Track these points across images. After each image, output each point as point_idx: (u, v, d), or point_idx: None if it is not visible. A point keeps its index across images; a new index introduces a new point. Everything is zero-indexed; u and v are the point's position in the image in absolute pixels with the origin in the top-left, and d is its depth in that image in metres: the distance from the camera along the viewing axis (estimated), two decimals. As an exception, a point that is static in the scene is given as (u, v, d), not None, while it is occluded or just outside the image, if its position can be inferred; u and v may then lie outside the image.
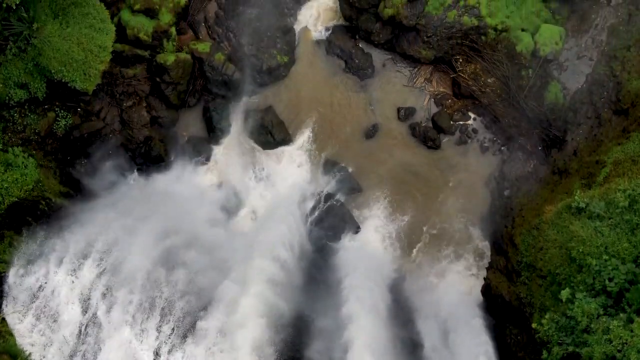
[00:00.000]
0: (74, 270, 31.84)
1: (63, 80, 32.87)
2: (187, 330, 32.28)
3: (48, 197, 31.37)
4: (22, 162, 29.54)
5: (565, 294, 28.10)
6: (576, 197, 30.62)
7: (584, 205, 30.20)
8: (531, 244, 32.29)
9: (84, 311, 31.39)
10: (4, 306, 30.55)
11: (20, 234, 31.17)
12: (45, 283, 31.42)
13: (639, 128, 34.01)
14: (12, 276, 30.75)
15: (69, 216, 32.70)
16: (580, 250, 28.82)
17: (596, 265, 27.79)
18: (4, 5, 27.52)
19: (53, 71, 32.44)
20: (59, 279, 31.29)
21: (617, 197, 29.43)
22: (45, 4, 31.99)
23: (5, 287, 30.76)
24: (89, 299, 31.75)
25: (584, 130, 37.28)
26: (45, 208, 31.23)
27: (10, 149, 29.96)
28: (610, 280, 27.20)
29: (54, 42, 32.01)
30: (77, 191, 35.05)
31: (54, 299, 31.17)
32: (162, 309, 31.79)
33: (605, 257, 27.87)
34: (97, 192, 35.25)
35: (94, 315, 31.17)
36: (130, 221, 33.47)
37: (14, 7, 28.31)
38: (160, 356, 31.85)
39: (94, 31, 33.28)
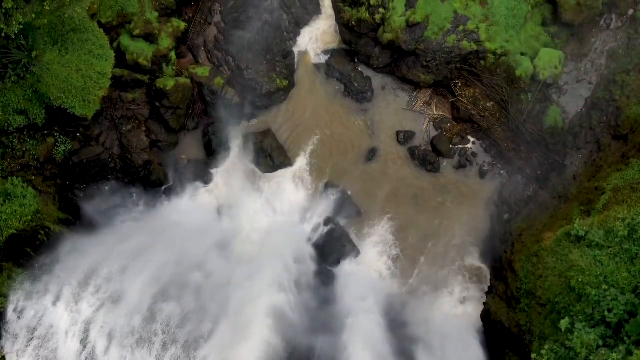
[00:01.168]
0: (73, 304, 31.67)
1: (62, 107, 32.94)
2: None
3: (47, 226, 31.22)
4: (21, 192, 29.47)
5: (564, 323, 27.96)
6: (575, 225, 30.54)
7: (583, 234, 30.13)
8: (530, 271, 32.23)
9: (83, 347, 31.22)
10: (3, 343, 30.41)
11: (20, 265, 31.05)
12: (44, 318, 31.23)
13: (638, 155, 33.97)
14: (10, 312, 30.59)
15: (68, 246, 32.53)
16: (580, 279, 28.74)
17: (595, 295, 27.69)
18: (3, 34, 27.52)
19: (52, 98, 32.51)
20: (57, 314, 31.13)
21: (616, 226, 29.36)
22: (44, 31, 32.00)
23: (5, 324, 30.57)
24: (87, 334, 31.56)
25: (584, 155, 37.25)
26: (45, 238, 31.08)
27: (9, 178, 29.89)
28: (609, 311, 27.08)
29: (53, 70, 32.08)
30: (76, 217, 35.00)
31: (53, 335, 30.95)
32: (162, 343, 31.62)
33: (604, 287, 27.78)
34: (97, 219, 35.19)
35: (93, 351, 31.00)
36: (129, 252, 33.34)
37: (14, 37, 28.30)
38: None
39: (93, 57, 33.32)
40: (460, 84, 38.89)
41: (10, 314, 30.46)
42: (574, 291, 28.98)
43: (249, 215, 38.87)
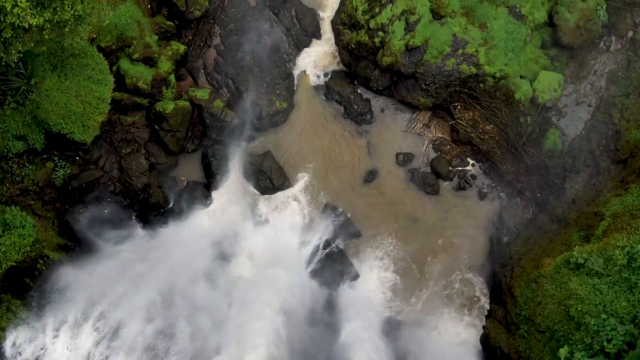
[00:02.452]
0: (72, 337, 31.41)
1: (61, 132, 32.91)
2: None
3: (46, 254, 31.11)
4: (20, 222, 29.36)
5: (563, 352, 27.97)
6: (575, 253, 30.52)
7: (582, 261, 30.10)
8: (530, 297, 32.20)
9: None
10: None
11: (18, 297, 30.82)
12: (43, 351, 31.01)
13: (638, 180, 33.93)
14: (9, 347, 30.31)
15: (67, 276, 32.28)
16: (579, 308, 28.73)
17: (594, 324, 27.67)
18: (3, 62, 27.52)
19: (51, 124, 32.51)
20: (57, 348, 30.89)
21: (615, 254, 29.34)
22: (43, 57, 31.96)
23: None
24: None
25: (583, 179, 37.21)
26: (43, 267, 30.92)
27: (8, 208, 29.79)
28: (608, 341, 27.03)
29: (52, 96, 32.06)
30: (75, 242, 34.90)
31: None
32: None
33: (603, 316, 27.76)
34: (96, 243, 35.06)
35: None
36: (128, 279, 33.25)
37: (13, 65, 28.31)
38: None
39: (92, 83, 33.29)
40: (459, 107, 38.87)
41: (8, 350, 30.26)
42: (573, 320, 28.97)
43: (248, 237, 38.81)
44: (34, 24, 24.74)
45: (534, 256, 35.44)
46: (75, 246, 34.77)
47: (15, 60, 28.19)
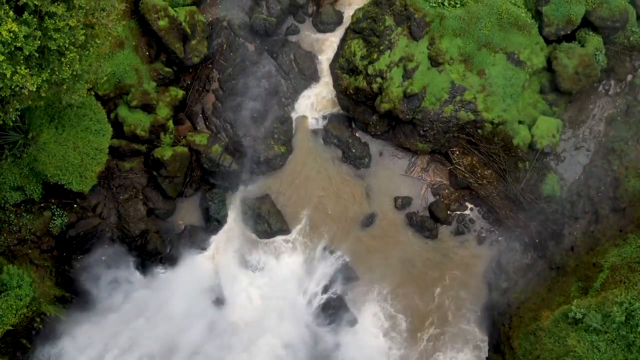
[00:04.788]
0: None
1: (59, 183, 32.89)
2: None
3: (43, 311, 30.91)
4: (17, 282, 29.15)
5: (562, 410, 27.88)
6: (573, 307, 30.47)
7: (580, 316, 30.06)
8: (528, 350, 32.12)
9: None
10: None
11: (15, 360, 30.65)
12: None
13: (637, 230, 33.90)
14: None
15: (64, 334, 31.97)
16: (577, 366, 28.66)
17: (593, 383, 27.59)
18: (1, 121, 27.48)
19: (49, 175, 32.50)
20: None
21: (613, 311, 29.26)
22: (40, 110, 31.96)
23: None
24: None
25: (582, 225, 37.13)
26: (40, 326, 30.69)
27: (5, 267, 29.60)
28: (606, 401, 26.96)
29: (49, 149, 32.05)
30: (72, 293, 34.75)
31: None
32: None
33: (601, 375, 27.70)
34: (93, 293, 34.92)
35: None
36: (127, 334, 33.10)
37: (11, 124, 28.27)
38: None
39: (90, 134, 33.25)
40: (457, 152, 38.80)
41: None
42: (572, 378, 28.89)
43: (247, 281, 38.73)
44: (34, 89, 24.70)
45: (532, 305, 35.35)
46: (73, 297, 34.57)
47: (14, 119, 28.18)
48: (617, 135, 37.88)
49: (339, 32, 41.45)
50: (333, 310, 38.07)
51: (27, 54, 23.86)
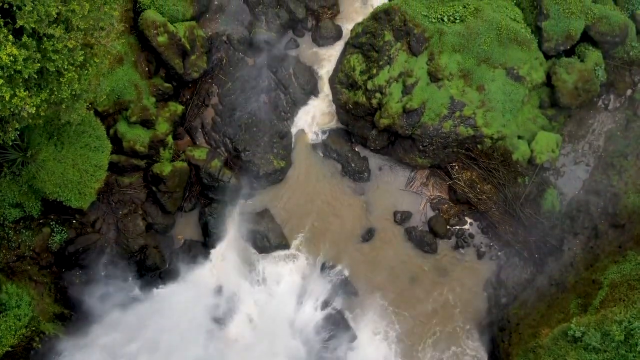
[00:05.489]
0: None
1: (58, 200, 32.87)
2: None
3: (42, 330, 30.81)
4: (16, 302, 29.08)
5: None
6: (572, 325, 30.38)
7: (580, 335, 29.96)
8: (527, 368, 32.07)
9: None
10: None
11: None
12: None
13: (636, 247, 33.85)
14: None
15: (64, 352, 31.87)
16: (577, 387, 28.58)
17: (592, 404, 27.51)
18: (1, 141, 27.46)
19: (48, 192, 32.47)
20: None
21: (613, 329, 29.15)
22: (39, 127, 31.93)
23: None
24: None
25: (581, 241, 37.09)
26: (39, 346, 30.56)
27: (3, 286, 29.57)
28: (606, 422, 26.90)
29: (48, 166, 32.02)
30: (71, 310, 34.69)
31: None
32: None
33: (601, 395, 27.63)
34: (92, 310, 34.83)
35: None
36: (125, 352, 33.04)
37: (10, 144, 28.27)
38: None
39: (89, 150, 33.22)
40: (457, 167, 38.79)
41: None
42: (572, 397, 28.81)
43: (246, 297, 38.67)
44: (33, 111, 24.67)
45: (532, 322, 35.31)
46: (72, 314, 34.52)
47: (13, 139, 28.17)
48: (617, 150, 37.86)
49: (339, 46, 41.43)
50: (332, 325, 38.00)
51: (26, 76, 23.83)
